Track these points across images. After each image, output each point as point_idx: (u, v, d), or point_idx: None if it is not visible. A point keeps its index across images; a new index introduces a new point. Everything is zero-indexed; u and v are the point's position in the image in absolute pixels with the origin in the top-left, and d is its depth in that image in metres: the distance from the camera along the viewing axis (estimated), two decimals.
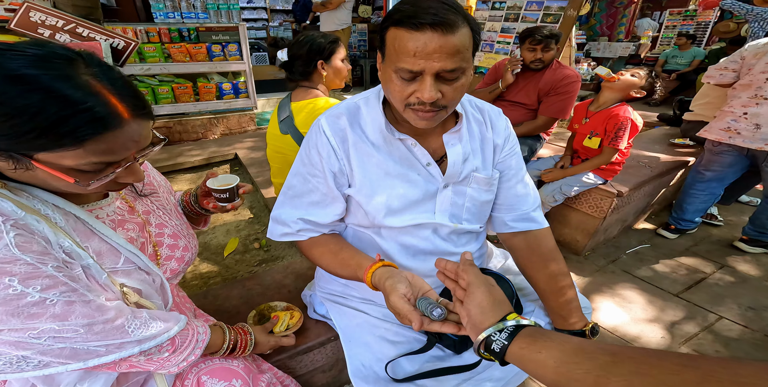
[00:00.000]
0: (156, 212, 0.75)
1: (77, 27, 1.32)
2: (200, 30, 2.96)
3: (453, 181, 0.79)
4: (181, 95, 3.00)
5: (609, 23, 7.19)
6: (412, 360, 0.82)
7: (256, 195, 2.12)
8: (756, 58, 1.77)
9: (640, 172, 2.07)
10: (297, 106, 1.31)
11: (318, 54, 1.27)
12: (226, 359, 0.79)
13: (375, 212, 0.76)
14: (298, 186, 0.81)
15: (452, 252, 0.84)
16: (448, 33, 0.58)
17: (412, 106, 0.65)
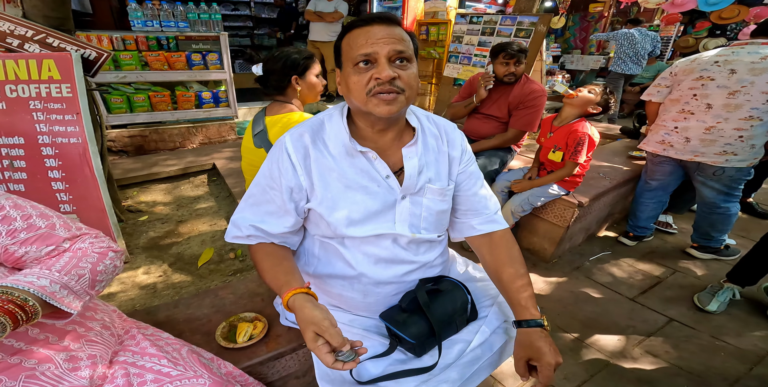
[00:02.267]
0: None
1: (47, 37, 1.33)
2: (180, 39, 2.97)
3: (410, 193, 0.85)
4: (157, 103, 2.99)
5: (582, 36, 7.56)
6: (376, 363, 0.86)
7: (234, 205, 2.14)
8: (684, 74, 1.91)
9: (600, 184, 2.21)
10: (271, 120, 1.35)
11: (292, 69, 1.31)
12: (190, 379, 0.75)
13: (337, 223, 0.81)
14: (257, 195, 0.86)
15: (412, 260, 0.89)
16: (392, 25, 0.72)
17: (372, 92, 0.72)
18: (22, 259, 0.70)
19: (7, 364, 0.64)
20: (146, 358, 0.79)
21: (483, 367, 0.86)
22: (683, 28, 6.45)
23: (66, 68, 1.27)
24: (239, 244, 1.78)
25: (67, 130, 1.30)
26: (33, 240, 0.70)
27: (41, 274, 0.64)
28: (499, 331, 0.91)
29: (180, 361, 0.81)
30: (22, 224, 0.69)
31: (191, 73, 3.05)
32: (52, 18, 1.37)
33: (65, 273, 0.67)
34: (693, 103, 1.88)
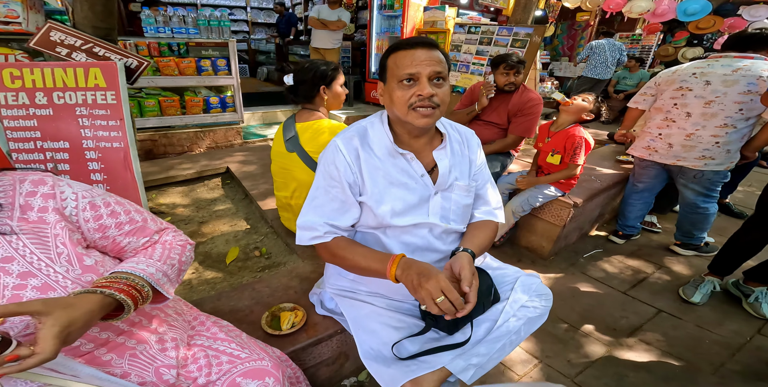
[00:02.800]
0: (25, 258, 0.64)
1: (94, 47, 1.42)
2: (190, 45, 3.05)
3: (441, 189, 0.99)
4: (167, 108, 3.05)
5: (569, 44, 7.86)
6: (413, 341, 0.98)
7: (251, 207, 2.23)
8: (666, 84, 2.08)
9: (592, 186, 2.39)
10: (302, 127, 1.46)
11: (321, 80, 1.42)
12: (255, 361, 0.84)
13: (383, 214, 0.95)
14: (320, 197, 0.97)
15: (441, 249, 1.03)
16: (432, 49, 0.87)
17: (413, 106, 0.87)
18: (125, 249, 0.80)
19: (115, 343, 0.74)
20: (218, 342, 0.90)
21: (506, 344, 0.98)
22: (662, 37, 6.81)
23: (111, 76, 1.36)
24: (263, 240, 1.88)
25: (111, 135, 1.39)
26: (134, 232, 0.80)
27: (148, 263, 0.75)
28: (518, 314, 1.03)
29: (245, 345, 0.91)
30: (125, 218, 0.78)
31: (200, 79, 3.13)
32: (100, 28, 1.46)
33: (163, 262, 0.78)
34: (674, 112, 2.06)
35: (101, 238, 0.75)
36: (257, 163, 2.71)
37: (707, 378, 1.50)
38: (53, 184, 0.70)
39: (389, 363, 0.94)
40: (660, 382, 1.49)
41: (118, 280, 0.67)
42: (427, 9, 4.42)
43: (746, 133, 1.96)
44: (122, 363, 0.72)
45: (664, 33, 6.71)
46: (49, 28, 1.37)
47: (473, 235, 1.05)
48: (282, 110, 4.44)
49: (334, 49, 4.77)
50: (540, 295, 1.08)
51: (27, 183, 0.68)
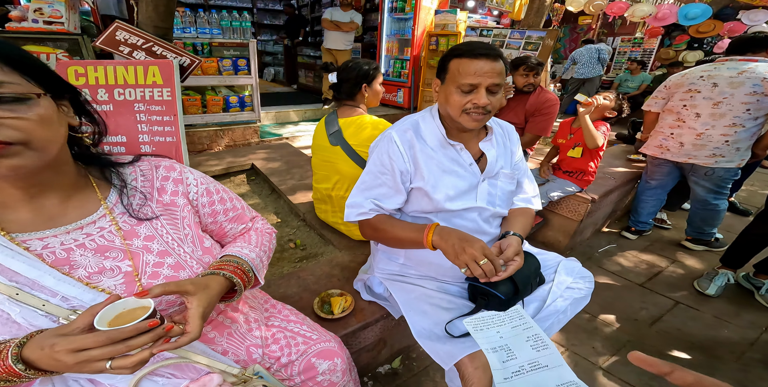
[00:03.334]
0: (162, 238, 0.69)
1: (154, 46, 1.48)
2: (213, 45, 3.12)
3: (488, 176, 1.08)
4: (189, 107, 3.11)
5: (572, 47, 8.00)
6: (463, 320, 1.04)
7: (280, 201, 2.29)
8: (676, 87, 2.19)
9: (607, 183, 2.48)
10: (345, 122, 1.54)
11: (363, 78, 1.51)
12: (324, 342, 0.89)
13: (439, 199, 1.03)
14: (368, 182, 1.07)
15: (489, 232, 1.11)
16: (495, 61, 0.91)
17: (467, 111, 0.95)
18: (227, 234, 0.85)
19: (217, 322, 0.79)
20: (291, 324, 0.94)
21: (554, 323, 1.06)
22: (662, 41, 6.95)
23: (168, 74, 1.43)
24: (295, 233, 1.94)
25: (165, 129, 1.46)
26: (236, 219, 0.85)
27: (250, 249, 0.80)
28: (564, 295, 1.09)
29: (313, 327, 0.97)
30: (230, 205, 0.83)
31: (222, 78, 3.19)
32: (160, 28, 1.53)
33: (260, 249, 0.83)
34: (684, 113, 2.16)
35: (212, 222, 0.79)
36: (280, 160, 2.78)
37: (730, 365, 1.57)
38: (180, 170, 0.75)
39: (443, 341, 0.99)
40: None
41: (230, 263, 0.72)
42: (438, 12, 4.52)
43: (755, 132, 2.05)
44: (222, 341, 0.77)
45: (664, 36, 6.85)
46: (116, 28, 1.43)
47: (516, 220, 1.13)
48: (294, 110, 4.51)
49: (346, 51, 4.84)
50: (583, 277, 1.16)
51: (161, 168, 0.73)
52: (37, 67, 0.54)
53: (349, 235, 1.74)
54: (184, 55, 1.55)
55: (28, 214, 0.59)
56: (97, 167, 0.67)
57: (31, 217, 0.59)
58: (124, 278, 0.64)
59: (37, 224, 0.60)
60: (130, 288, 0.65)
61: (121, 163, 0.70)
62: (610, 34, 8.46)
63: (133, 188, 0.67)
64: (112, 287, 0.63)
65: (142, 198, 0.68)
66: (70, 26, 2.04)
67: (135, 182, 0.69)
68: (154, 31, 1.50)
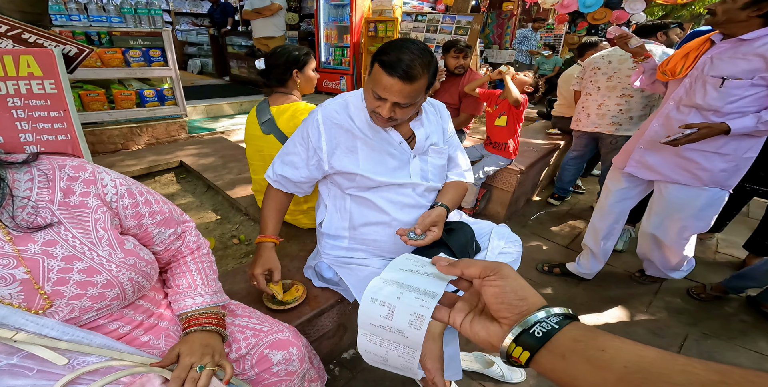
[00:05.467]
0: (67, 243, 0.64)
1: (23, 33, 1.25)
2: (114, 34, 2.75)
3: (419, 153, 1.13)
4: (90, 102, 2.73)
5: (498, 32, 8.48)
6: None
7: (218, 197, 2.15)
8: (587, 67, 2.54)
9: (531, 155, 2.72)
10: (277, 110, 1.47)
11: (294, 64, 1.45)
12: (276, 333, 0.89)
13: (370, 175, 1.06)
14: (288, 147, 1.15)
15: (425, 205, 1.15)
16: (408, 83, 0.91)
17: (375, 113, 1.00)
18: (153, 240, 0.78)
19: (149, 325, 0.75)
20: (239, 318, 0.92)
21: None
22: (569, 27, 7.68)
23: (48, 64, 1.23)
24: (238, 228, 1.86)
25: (54, 126, 1.26)
26: (163, 222, 0.80)
27: (216, 291, 0.87)
28: (497, 260, 1.20)
29: (263, 319, 0.95)
30: (156, 208, 0.78)
31: (130, 71, 2.84)
32: (29, 13, 1.28)
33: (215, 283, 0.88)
34: (590, 87, 2.50)
35: (136, 225, 0.75)
36: (215, 155, 2.60)
37: (641, 309, 1.83)
38: (93, 170, 0.69)
39: None
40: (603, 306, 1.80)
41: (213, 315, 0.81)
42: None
43: (646, 104, 2.39)
44: (160, 343, 0.74)
45: (570, 23, 7.56)
46: None
47: (446, 192, 1.20)
48: (228, 103, 4.22)
49: (278, 37, 4.60)
50: (513, 241, 1.27)
51: (67, 168, 0.67)
52: None
53: (295, 225, 1.70)
54: (69, 44, 1.35)
55: None
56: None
57: None
58: (21, 286, 0.60)
59: None
60: (30, 296, 0.61)
61: (10, 163, 0.62)
62: (528, 20, 9.12)
63: (25, 198, 0.60)
64: (6, 296, 0.59)
65: (34, 206, 0.61)
66: None
67: (30, 183, 0.62)
68: (21, 17, 1.27)
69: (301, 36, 5.61)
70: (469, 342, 1.55)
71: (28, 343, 0.58)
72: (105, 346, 0.65)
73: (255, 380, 0.84)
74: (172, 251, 0.83)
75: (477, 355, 1.47)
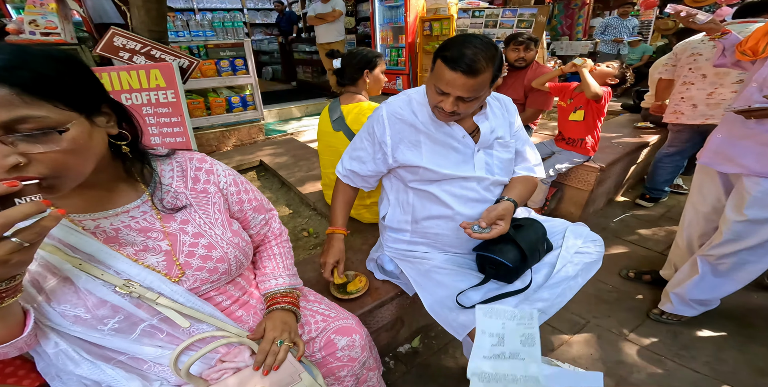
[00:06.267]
0: (195, 222, 0.75)
1: (152, 49, 1.53)
2: (209, 47, 3.15)
3: (483, 147, 1.11)
4: (194, 110, 3.15)
5: (568, 23, 7.79)
6: (476, 291, 1.06)
7: (290, 193, 2.33)
8: (682, 53, 2.22)
9: (614, 151, 2.44)
10: (346, 108, 1.57)
11: (366, 64, 1.54)
12: (341, 320, 0.94)
13: (433, 167, 1.06)
14: (356, 143, 1.20)
15: (491, 199, 1.12)
16: (472, 78, 0.90)
17: (437, 108, 1.00)
18: (250, 224, 0.89)
19: (243, 301, 0.84)
20: (311, 303, 0.99)
21: (565, 289, 1.04)
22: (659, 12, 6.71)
23: (169, 76, 1.47)
24: (307, 222, 1.99)
25: (174, 130, 1.50)
26: (257, 209, 0.90)
27: (294, 274, 0.95)
28: (574, 260, 1.09)
29: (331, 306, 1.01)
30: (252, 196, 0.88)
31: (222, 80, 3.23)
32: (155, 32, 1.56)
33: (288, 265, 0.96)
34: (690, 76, 2.17)
35: (239, 210, 0.85)
36: (287, 155, 2.82)
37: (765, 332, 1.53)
38: (211, 162, 0.82)
39: (456, 312, 1.02)
40: (718, 339, 1.51)
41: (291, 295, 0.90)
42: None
43: None
44: (249, 319, 0.83)
45: (661, 7, 6.62)
46: (113, 34, 1.48)
47: (513, 186, 1.15)
48: (296, 106, 4.54)
49: (339, 42, 4.82)
50: (593, 241, 1.15)
51: (194, 160, 0.80)
52: (65, 88, 0.51)
53: (359, 219, 1.76)
54: (182, 57, 1.59)
55: (79, 200, 0.64)
56: (140, 161, 0.72)
57: (82, 203, 0.64)
58: (165, 256, 0.71)
59: (88, 208, 0.65)
60: (170, 266, 0.71)
61: (159, 156, 0.77)
62: (605, 9, 8.19)
63: (168, 185, 0.74)
64: (155, 264, 0.70)
65: (174, 192, 0.74)
66: (67, 36, 2.09)
67: (171, 172, 0.76)
68: (149, 35, 1.54)
69: (359, 39, 5.79)
70: None
71: (164, 307, 0.68)
72: (213, 315, 0.74)
73: (321, 363, 0.89)
74: (261, 236, 0.93)
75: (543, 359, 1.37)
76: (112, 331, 0.66)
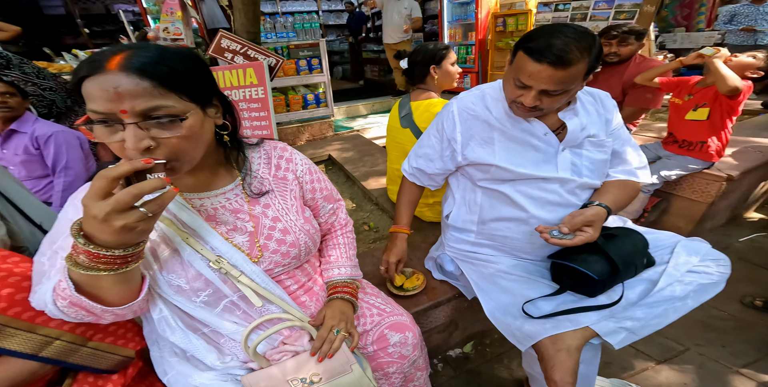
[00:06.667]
0: (275, 206, 0.79)
1: (248, 50, 1.68)
2: (290, 47, 3.36)
3: (570, 145, 0.96)
4: (276, 106, 3.40)
5: (685, 13, 6.67)
6: (547, 301, 0.94)
7: (354, 187, 2.37)
8: None
9: (751, 157, 1.95)
10: (415, 105, 1.52)
11: (431, 60, 1.47)
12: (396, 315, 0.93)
13: (507, 166, 0.96)
14: (423, 140, 1.15)
15: (576, 204, 0.98)
16: (561, 69, 0.78)
17: (515, 103, 0.89)
18: (320, 212, 0.91)
19: (308, 287, 0.86)
20: (368, 296, 0.99)
21: (669, 310, 0.86)
22: None
23: (260, 74, 1.59)
24: (369, 216, 1.97)
25: (261, 124, 1.63)
26: (327, 198, 0.92)
27: (355, 265, 0.96)
28: (685, 279, 0.89)
29: (387, 301, 0.99)
30: (323, 185, 0.90)
31: (300, 78, 3.42)
32: (251, 33, 1.73)
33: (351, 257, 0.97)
34: None
35: (311, 199, 0.88)
36: (353, 150, 2.88)
37: None
38: (291, 151, 0.86)
39: (520, 321, 0.92)
40: None
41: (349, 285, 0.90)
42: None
43: None
44: (312, 305, 0.84)
45: None
46: (221, 37, 1.65)
47: (607, 191, 0.99)
48: (363, 104, 4.65)
49: (405, 42, 4.73)
50: (715, 260, 0.93)
51: (278, 149, 0.85)
52: (190, 83, 0.58)
53: (420, 217, 1.70)
54: (271, 56, 1.70)
55: (190, 181, 0.72)
56: (236, 149, 0.78)
57: (193, 183, 0.72)
58: (248, 237, 0.75)
59: (197, 188, 0.73)
60: (252, 246, 0.75)
61: (250, 145, 0.83)
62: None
63: (256, 171, 0.80)
64: (240, 243, 0.74)
65: (261, 178, 0.80)
66: (188, 41, 2.40)
67: (260, 160, 0.82)
68: (247, 36, 1.68)
69: (426, 38, 5.64)
70: (609, 366, 1.32)
71: (244, 285, 0.72)
72: (282, 298, 0.77)
73: (371, 356, 0.88)
74: (329, 225, 0.95)
75: (615, 382, 1.19)
76: (201, 303, 0.71)
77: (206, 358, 0.74)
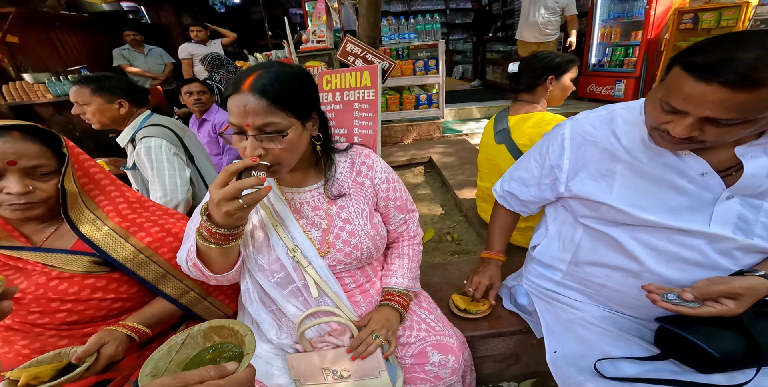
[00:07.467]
0: (348, 209, 0.86)
1: (367, 54, 1.92)
2: (410, 48, 3.50)
3: (744, 193, 0.74)
4: (390, 105, 3.64)
5: None
6: (635, 363, 0.82)
7: (447, 195, 2.40)
8: None
9: None
10: (513, 119, 1.42)
11: (552, 69, 1.33)
12: (444, 336, 0.93)
13: (625, 208, 0.80)
14: (522, 161, 1.05)
15: (727, 269, 0.76)
16: (741, 91, 0.56)
17: (657, 131, 0.71)
18: (390, 220, 0.96)
19: (364, 288, 0.94)
20: (421, 310, 1.01)
21: None
22: None
23: (374, 77, 1.80)
24: (455, 227, 2.01)
25: (369, 123, 1.85)
26: (399, 208, 0.96)
27: (414, 277, 0.99)
28: None
29: (439, 319, 1.00)
30: (398, 194, 0.95)
31: (415, 78, 3.56)
32: (371, 37, 1.96)
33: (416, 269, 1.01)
34: None
35: (384, 207, 0.93)
36: (455, 155, 2.87)
37: None
38: (374, 158, 0.92)
39: (585, 376, 0.82)
40: None
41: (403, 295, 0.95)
42: None
43: None
44: (364, 306, 0.92)
45: None
46: (347, 41, 1.92)
47: None
48: (477, 107, 4.48)
49: (551, 42, 4.11)
50: None
51: (362, 155, 0.91)
52: (296, 101, 0.69)
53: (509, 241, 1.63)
54: (385, 60, 1.88)
55: (288, 177, 0.86)
56: (326, 154, 0.88)
57: (289, 179, 0.86)
58: (321, 233, 0.84)
59: (292, 183, 0.86)
60: (322, 242, 0.84)
61: (339, 150, 0.91)
62: None
63: (339, 174, 0.88)
64: (315, 237, 0.84)
65: (342, 181, 0.88)
66: (329, 43, 2.78)
67: (344, 164, 0.90)
68: (367, 41, 1.89)
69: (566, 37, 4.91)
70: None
71: (309, 275, 0.82)
72: (337, 294, 0.85)
73: (407, 368, 0.91)
74: (398, 234, 0.99)
75: None
76: (275, 284, 0.84)
77: (269, 331, 0.87)
